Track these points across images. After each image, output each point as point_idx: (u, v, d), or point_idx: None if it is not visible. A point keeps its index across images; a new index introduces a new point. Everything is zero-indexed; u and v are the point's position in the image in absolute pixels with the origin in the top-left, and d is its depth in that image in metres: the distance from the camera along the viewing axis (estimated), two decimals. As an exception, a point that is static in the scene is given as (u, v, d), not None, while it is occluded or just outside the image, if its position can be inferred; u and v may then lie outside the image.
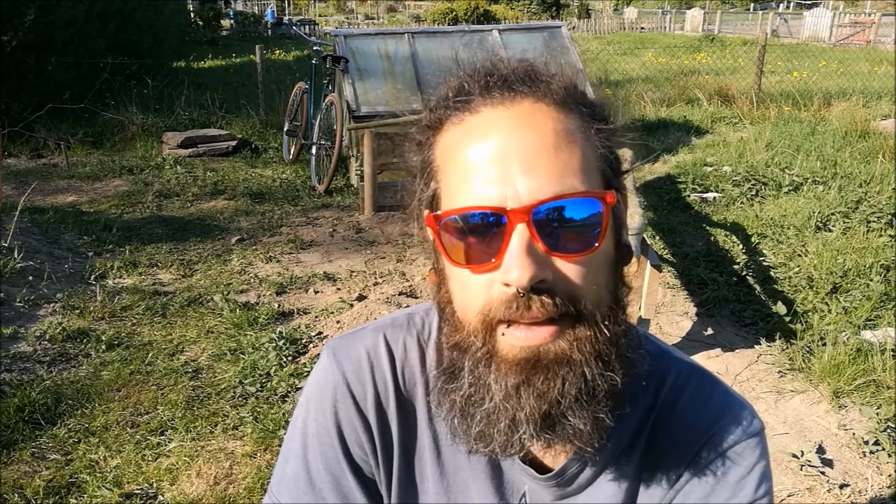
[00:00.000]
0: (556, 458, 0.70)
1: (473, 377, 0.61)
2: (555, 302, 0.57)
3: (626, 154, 0.66)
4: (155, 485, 2.15)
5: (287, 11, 36.52)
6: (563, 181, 0.57)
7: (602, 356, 0.59)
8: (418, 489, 0.75)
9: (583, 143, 0.60)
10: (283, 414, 2.49)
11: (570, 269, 0.58)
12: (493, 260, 0.57)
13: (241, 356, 2.91)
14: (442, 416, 0.66)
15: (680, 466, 0.71)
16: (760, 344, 3.06)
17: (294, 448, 0.76)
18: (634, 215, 2.66)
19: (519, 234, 0.56)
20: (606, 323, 0.60)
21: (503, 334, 0.59)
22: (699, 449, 0.71)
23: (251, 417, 2.49)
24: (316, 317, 3.31)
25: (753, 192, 5.09)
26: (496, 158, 0.57)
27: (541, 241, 0.57)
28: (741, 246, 4.17)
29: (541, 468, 0.71)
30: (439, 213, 0.61)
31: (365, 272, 3.86)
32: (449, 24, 18.66)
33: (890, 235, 4.02)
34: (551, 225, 0.57)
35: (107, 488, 2.11)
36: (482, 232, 0.58)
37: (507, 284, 0.57)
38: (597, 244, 0.58)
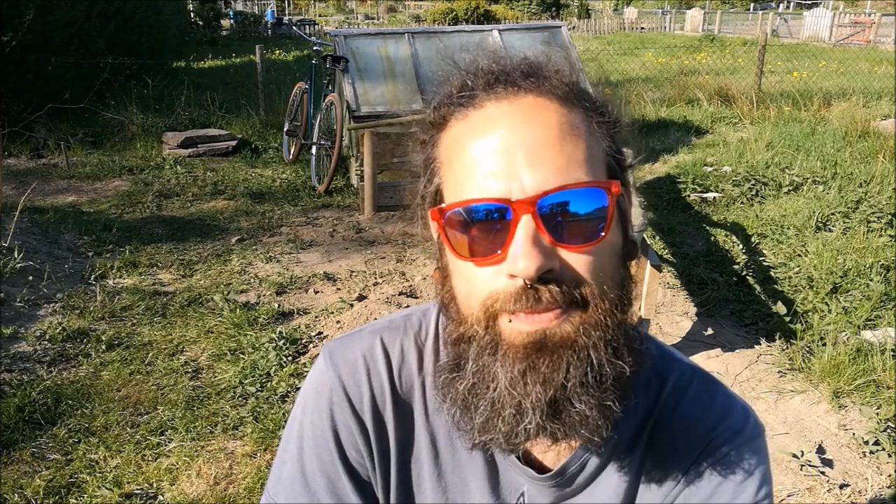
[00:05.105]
0: (556, 458, 0.70)
1: (478, 366, 0.61)
2: (562, 290, 0.57)
3: (628, 151, 0.66)
4: (155, 485, 2.16)
5: (287, 11, 36.53)
6: (568, 173, 0.57)
7: (610, 343, 0.59)
8: (416, 491, 0.75)
9: (587, 136, 0.60)
10: (283, 414, 2.49)
11: (576, 259, 0.58)
12: (499, 252, 0.57)
13: (241, 356, 2.91)
14: (445, 409, 0.66)
15: (680, 469, 0.71)
16: (760, 344, 3.05)
17: (290, 450, 0.76)
18: (635, 215, 2.66)
19: (524, 226, 0.56)
20: (614, 311, 0.59)
21: (510, 321, 0.58)
22: (700, 451, 0.70)
23: (251, 417, 2.49)
24: (316, 317, 3.31)
25: (753, 192, 5.09)
26: (501, 152, 0.57)
27: (546, 233, 0.56)
28: (741, 246, 4.17)
29: (540, 469, 0.70)
30: (444, 206, 0.60)
31: (365, 272, 3.86)
32: (449, 24, 18.63)
33: (890, 235, 4.01)
34: (556, 216, 0.57)
35: (107, 488, 2.11)
36: (487, 224, 0.58)
37: (513, 276, 0.56)
38: (603, 234, 0.58)
